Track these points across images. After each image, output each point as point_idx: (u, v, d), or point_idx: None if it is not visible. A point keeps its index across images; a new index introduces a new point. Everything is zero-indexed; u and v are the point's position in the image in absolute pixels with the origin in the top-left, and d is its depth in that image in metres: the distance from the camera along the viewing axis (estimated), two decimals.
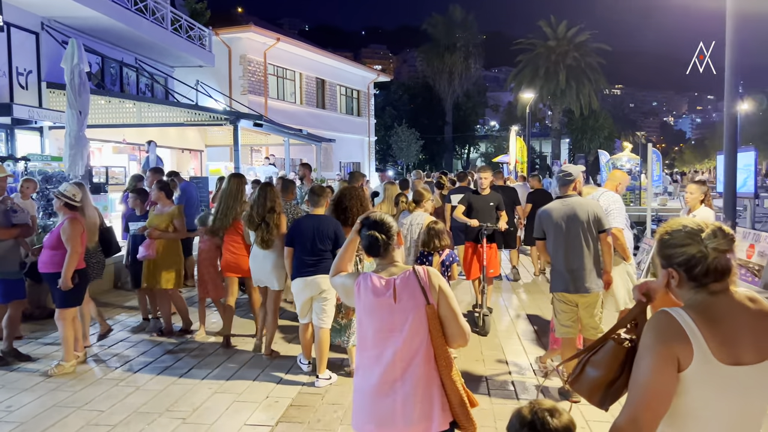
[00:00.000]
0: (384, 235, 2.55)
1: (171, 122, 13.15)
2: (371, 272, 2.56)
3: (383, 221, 2.59)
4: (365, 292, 2.49)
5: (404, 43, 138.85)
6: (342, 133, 28.18)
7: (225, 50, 22.43)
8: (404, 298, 2.43)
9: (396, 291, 2.44)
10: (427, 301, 2.41)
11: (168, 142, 19.06)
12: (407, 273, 2.49)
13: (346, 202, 5.14)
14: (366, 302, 2.49)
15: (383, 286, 2.47)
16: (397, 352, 2.40)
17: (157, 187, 6.38)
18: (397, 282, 2.46)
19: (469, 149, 53.37)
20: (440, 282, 2.48)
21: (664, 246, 1.69)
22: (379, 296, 2.46)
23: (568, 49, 39.80)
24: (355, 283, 2.54)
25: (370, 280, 2.50)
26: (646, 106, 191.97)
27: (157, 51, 17.78)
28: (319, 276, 4.79)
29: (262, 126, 12.97)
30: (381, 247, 2.56)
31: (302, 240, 4.83)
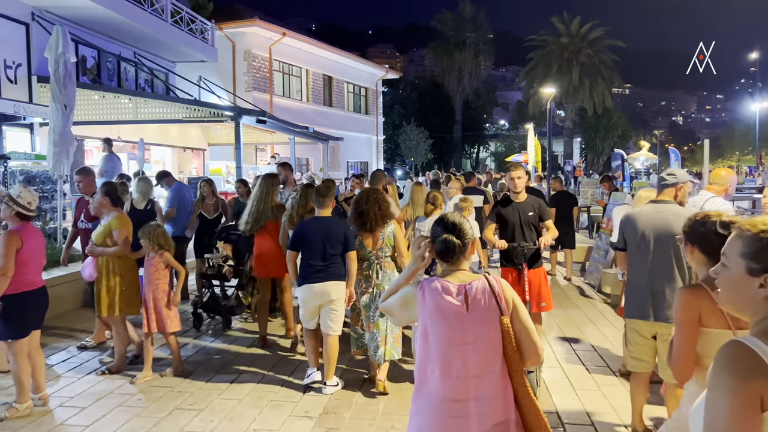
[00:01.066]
0: (460, 241, 2.32)
1: (169, 119, 12.32)
2: (437, 277, 2.33)
3: (460, 225, 2.36)
4: (432, 296, 2.26)
5: (411, 42, 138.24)
6: (349, 131, 27.34)
7: (229, 45, 21.63)
8: (477, 307, 2.23)
9: (468, 298, 2.24)
10: (502, 313, 2.22)
11: (168, 140, 18.28)
12: (480, 281, 2.29)
13: (363, 205, 4.66)
14: (433, 308, 2.25)
15: (454, 291, 2.25)
16: (469, 367, 2.20)
17: (101, 192, 5.09)
18: (470, 289, 2.25)
19: (479, 149, 52.39)
20: (512, 294, 2.31)
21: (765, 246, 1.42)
22: (449, 302, 2.24)
23: (582, 46, 38.76)
24: (419, 287, 2.31)
25: (439, 283, 2.28)
26: (655, 105, 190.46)
27: (157, 45, 16.95)
28: (330, 283, 4.58)
29: (265, 123, 12.11)
30: (457, 253, 2.32)
31: (310, 244, 4.61)
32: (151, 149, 19.40)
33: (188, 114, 12.17)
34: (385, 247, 4.65)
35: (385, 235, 4.67)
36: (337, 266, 4.60)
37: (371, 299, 4.61)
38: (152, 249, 4.95)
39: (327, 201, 4.76)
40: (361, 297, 4.67)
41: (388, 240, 4.67)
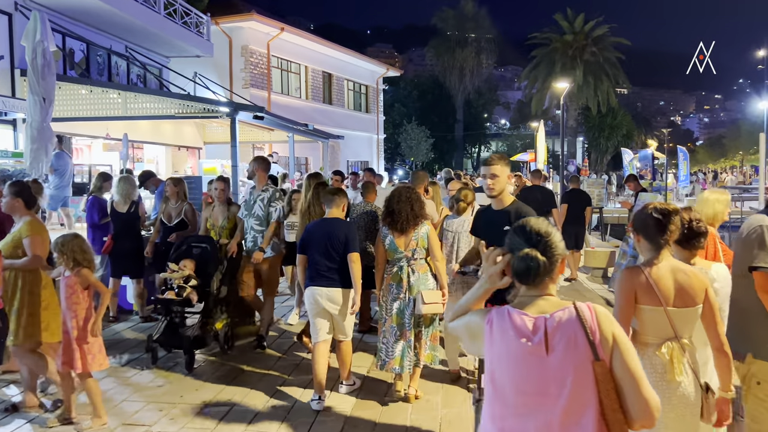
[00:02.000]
0: (547, 258, 1.79)
1: (161, 115, 11.57)
2: (510, 306, 1.84)
3: (548, 237, 1.81)
4: (501, 333, 1.80)
5: (410, 42, 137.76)
6: (350, 130, 26.61)
7: (225, 40, 20.91)
8: (561, 347, 1.71)
9: (548, 336, 1.73)
10: (596, 356, 1.69)
11: (162, 138, 17.55)
12: (565, 311, 1.76)
13: (394, 204, 4.43)
14: (502, 349, 1.78)
15: (529, 327, 1.76)
16: (552, 427, 1.69)
17: (12, 192, 4.17)
18: (551, 323, 1.75)
19: (480, 148, 51.73)
20: (614, 328, 1.75)
21: None
22: (524, 342, 1.75)
23: (586, 43, 38.07)
24: (486, 320, 1.85)
25: (509, 317, 1.80)
26: (654, 105, 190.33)
27: (150, 38, 16.25)
28: (335, 290, 4.38)
29: (263, 119, 11.40)
30: (540, 275, 1.79)
31: (315, 247, 4.43)
32: (143, 148, 18.73)
33: (181, 110, 11.44)
34: (418, 248, 4.43)
35: (419, 237, 4.43)
36: (343, 270, 4.39)
37: (404, 305, 4.39)
38: (67, 265, 3.94)
39: (336, 201, 4.55)
40: (393, 303, 4.43)
41: (421, 242, 4.44)
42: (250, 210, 5.71)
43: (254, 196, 5.71)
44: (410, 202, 4.41)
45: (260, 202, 5.63)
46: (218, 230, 5.93)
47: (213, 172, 12.19)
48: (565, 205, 9.11)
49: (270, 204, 5.63)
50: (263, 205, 5.63)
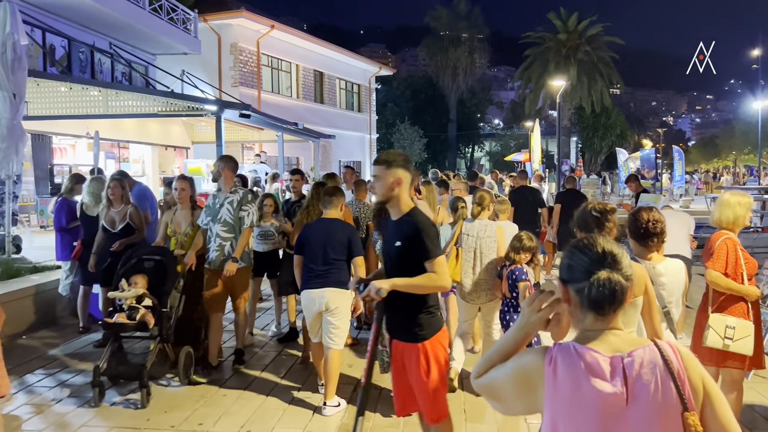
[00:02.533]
0: (627, 281, 1.46)
1: (143, 113, 11.14)
2: (575, 342, 1.47)
3: (622, 256, 1.48)
4: (569, 375, 1.40)
5: (403, 42, 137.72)
6: (341, 129, 26.23)
7: (214, 38, 20.48)
8: (643, 395, 1.36)
9: (628, 380, 1.38)
10: (685, 406, 1.36)
11: (148, 138, 17.09)
12: (646, 351, 1.41)
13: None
14: (570, 395, 1.39)
15: (605, 369, 1.39)
16: None
17: None
18: (629, 364, 1.39)
19: (473, 148, 51.41)
20: (703, 374, 1.42)
21: None
22: (599, 387, 1.37)
23: (580, 42, 37.80)
24: (546, 359, 1.45)
25: (579, 355, 1.42)
26: (646, 105, 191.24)
27: (135, 35, 15.79)
28: (328, 289, 4.21)
29: (249, 117, 10.98)
30: (623, 300, 1.45)
31: (311, 247, 4.29)
32: (129, 147, 18.27)
33: (165, 108, 11.00)
34: None
35: None
36: (339, 272, 4.25)
37: None
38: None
39: (335, 202, 4.41)
40: None
41: None
42: (215, 215, 4.99)
43: (220, 199, 5.02)
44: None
45: (228, 205, 4.96)
46: (180, 238, 5.19)
47: (198, 172, 11.78)
48: (559, 206, 8.76)
49: (241, 208, 4.99)
50: (232, 209, 4.98)
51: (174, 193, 5.30)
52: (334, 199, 4.42)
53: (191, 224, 5.21)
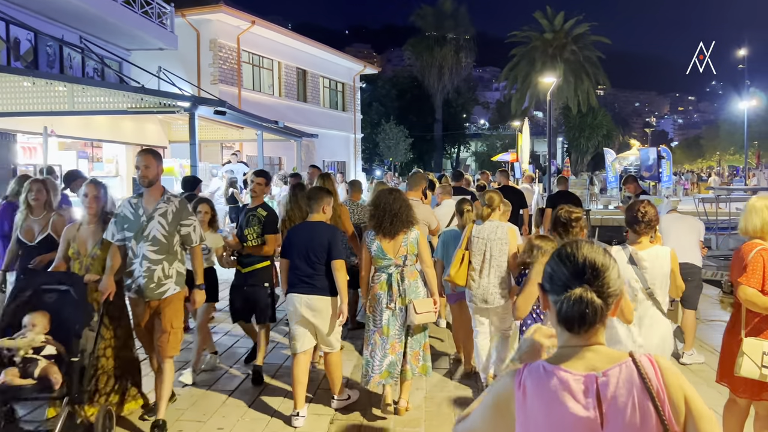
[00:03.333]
0: (604, 301, 1.35)
1: (112, 109, 10.47)
2: (545, 362, 1.38)
3: (604, 270, 1.36)
4: (539, 399, 1.32)
5: (389, 42, 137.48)
6: (325, 129, 25.62)
7: (192, 34, 19.79)
8: (619, 418, 1.28)
9: (602, 401, 1.29)
10: (665, 426, 1.27)
11: (122, 137, 16.36)
12: (623, 368, 1.33)
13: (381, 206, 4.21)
14: (542, 419, 1.31)
15: (577, 390, 1.31)
16: None
17: None
18: (604, 386, 1.30)
19: (459, 148, 51.05)
20: (685, 388, 1.32)
21: None
22: (571, 410, 1.29)
23: (566, 42, 37.58)
24: (515, 383, 1.37)
25: (549, 376, 1.33)
26: (629, 106, 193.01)
27: (107, 29, 15.07)
28: (316, 297, 4.12)
29: (224, 114, 10.37)
30: (595, 322, 1.35)
31: (295, 251, 4.22)
32: (102, 147, 17.53)
33: (136, 104, 10.34)
34: (408, 255, 4.18)
35: (408, 242, 4.18)
36: (323, 277, 4.15)
37: (394, 316, 4.15)
38: None
39: (317, 205, 4.30)
40: (382, 315, 4.16)
41: (411, 247, 4.19)
42: (138, 230, 3.86)
43: (146, 210, 3.88)
44: (398, 205, 4.17)
45: (160, 219, 3.86)
46: (85, 261, 4.05)
47: (170, 173, 11.12)
48: (549, 210, 8.33)
49: (180, 223, 3.94)
50: (166, 223, 3.88)
51: (83, 200, 4.09)
52: (313, 203, 4.32)
53: (100, 243, 4.04)
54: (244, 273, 5.09)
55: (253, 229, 5.05)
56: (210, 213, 5.23)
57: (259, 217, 5.05)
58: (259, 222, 5.03)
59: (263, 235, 5.03)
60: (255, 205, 5.17)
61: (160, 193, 3.95)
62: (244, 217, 5.17)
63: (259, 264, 5.07)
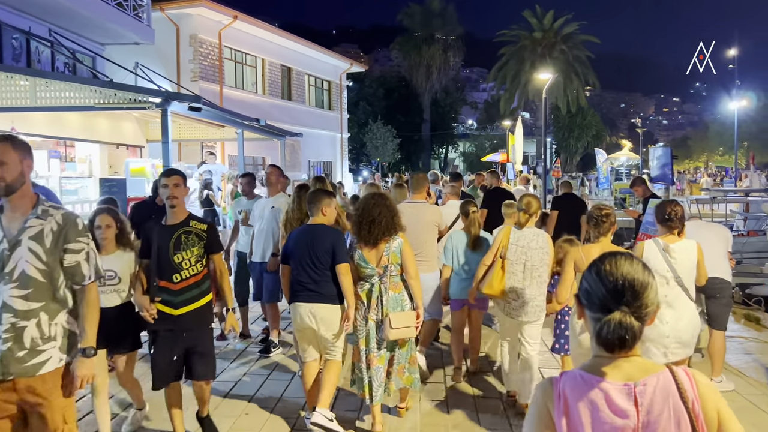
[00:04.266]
0: (641, 322, 1.37)
1: (77, 105, 9.71)
2: (582, 371, 1.40)
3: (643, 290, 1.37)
4: (578, 407, 1.36)
5: (376, 42, 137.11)
6: (311, 128, 24.92)
7: (172, 29, 19.04)
8: (655, 425, 1.31)
9: (640, 411, 1.32)
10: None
11: (96, 135, 15.53)
12: (660, 378, 1.35)
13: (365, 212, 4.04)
14: (579, 426, 1.34)
15: (618, 397, 1.34)
16: None
17: None
18: (642, 394, 1.34)
19: (447, 149, 50.52)
20: (719, 402, 1.36)
21: None
22: (608, 417, 1.33)
23: (555, 41, 37.18)
24: (554, 393, 1.39)
25: (588, 385, 1.37)
26: (615, 107, 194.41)
27: (78, 21, 14.25)
28: (320, 305, 3.90)
29: (200, 110, 9.65)
30: (634, 343, 1.38)
31: (296, 257, 4.01)
32: (75, 145, 16.70)
33: (104, 100, 9.59)
34: (391, 265, 3.99)
35: (391, 251, 4.00)
36: (328, 284, 3.94)
37: (373, 329, 3.98)
38: None
39: (315, 207, 4.09)
40: (363, 326, 4.01)
41: (393, 257, 4.00)
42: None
43: (10, 232, 2.51)
44: (378, 211, 3.95)
45: (32, 243, 2.49)
46: None
47: (141, 173, 10.37)
48: (555, 212, 7.77)
49: (65, 249, 2.57)
50: (42, 249, 2.52)
51: None
52: (313, 205, 4.08)
53: None
54: (177, 316, 3.66)
55: (190, 251, 3.68)
56: (115, 226, 3.89)
57: (197, 232, 3.73)
58: (199, 240, 3.72)
59: (208, 256, 3.79)
60: (180, 220, 3.75)
61: (31, 203, 2.56)
62: (169, 237, 3.67)
63: (200, 301, 3.74)
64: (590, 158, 42.20)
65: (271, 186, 6.02)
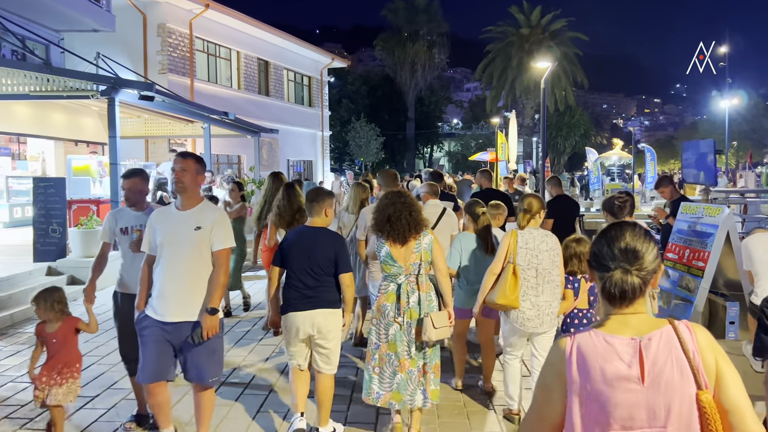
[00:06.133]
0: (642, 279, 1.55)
1: (4, 93, 8.39)
2: (594, 328, 1.56)
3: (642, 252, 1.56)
4: (588, 358, 1.50)
5: (360, 42, 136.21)
6: (290, 125, 23.68)
7: (138, 17, 17.66)
8: (658, 375, 1.45)
9: (644, 361, 1.46)
10: (698, 385, 1.44)
11: (50, 131, 14.16)
12: (662, 332, 1.49)
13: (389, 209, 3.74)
14: (588, 376, 1.49)
15: (623, 351, 1.48)
16: None
17: None
18: (646, 347, 1.47)
19: (433, 148, 49.47)
20: (717, 352, 1.49)
21: None
22: (615, 368, 1.47)
23: (543, 38, 36.27)
24: (566, 350, 1.53)
25: (597, 340, 1.51)
26: (598, 108, 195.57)
27: (29, 6, 12.88)
28: (319, 311, 3.72)
29: (152, 99, 8.40)
30: (635, 296, 1.55)
31: (293, 261, 3.75)
32: (27, 142, 15.31)
33: (39, 87, 8.29)
34: (422, 262, 3.75)
35: (422, 248, 3.76)
36: (328, 291, 3.76)
37: (402, 331, 3.72)
38: None
39: (318, 207, 3.82)
40: (389, 329, 3.73)
41: (425, 254, 3.76)
42: None
43: None
44: (407, 206, 3.79)
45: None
46: None
47: (86, 171, 9.07)
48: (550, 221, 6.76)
49: None
50: None
51: None
52: (315, 205, 3.84)
53: None
54: None
55: None
56: None
57: None
58: None
59: None
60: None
61: None
62: None
63: None
64: (578, 158, 41.43)
65: (184, 193, 3.52)
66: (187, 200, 3.50)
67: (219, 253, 3.43)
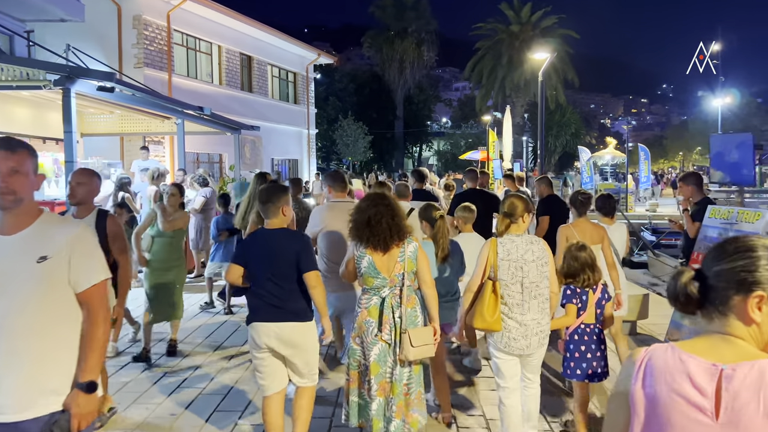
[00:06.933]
0: (703, 286, 1.39)
1: None
2: (676, 345, 1.35)
3: (716, 260, 1.38)
4: (657, 377, 1.31)
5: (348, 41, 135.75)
6: (274, 123, 22.88)
7: (113, 8, 16.83)
8: (738, 414, 1.21)
9: (721, 394, 1.23)
10: None
11: (15, 126, 13.18)
12: (754, 367, 1.23)
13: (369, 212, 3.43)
14: (655, 397, 1.30)
15: (701, 377, 1.26)
16: None
17: None
18: (728, 379, 1.24)
19: (422, 147, 48.83)
20: None
21: None
22: (688, 395, 1.26)
23: (534, 35, 35.75)
24: (638, 361, 1.36)
25: (672, 356, 1.32)
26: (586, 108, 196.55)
27: None
28: (288, 324, 3.36)
29: (112, 91, 7.60)
30: (688, 300, 1.39)
31: (254, 269, 3.41)
32: None
33: None
34: (406, 273, 3.41)
35: (406, 257, 3.42)
36: (295, 299, 3.40)
37: (385, 352, 3.37)
38: None
39: (273, 207, 3.45)
40: (371, 348, 3.37)
41: (409, 263, 3.42)
42: None
43: None
44: (390, 209, 3.43)
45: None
46: None
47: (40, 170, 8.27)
48: (546, 218, 6.50)
49: None
50: None
51: None
52: (270, 205, 3.43)
53: None
54: None
55: None
56: None
57: None
58: None
59: None
60: None
61: None
62: None
63: None
64: (569, 157, 41.00)
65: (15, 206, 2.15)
66: (16, 217, 2.13)
67: (91, 293, 2.18)
